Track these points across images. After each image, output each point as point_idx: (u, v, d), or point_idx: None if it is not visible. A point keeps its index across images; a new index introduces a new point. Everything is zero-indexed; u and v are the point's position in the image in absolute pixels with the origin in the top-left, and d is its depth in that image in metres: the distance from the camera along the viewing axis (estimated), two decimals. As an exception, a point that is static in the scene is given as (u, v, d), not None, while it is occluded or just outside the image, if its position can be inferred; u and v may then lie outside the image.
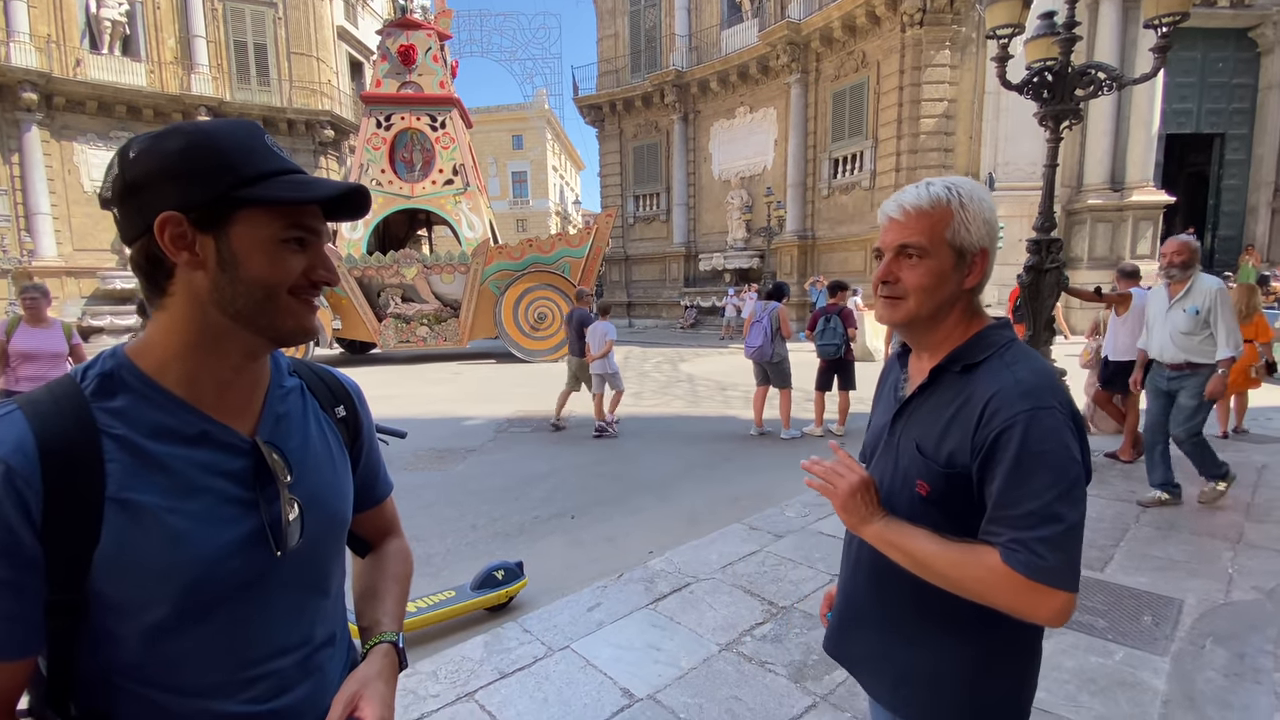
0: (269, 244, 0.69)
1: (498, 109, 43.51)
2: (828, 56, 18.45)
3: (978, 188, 1.01)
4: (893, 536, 0.97)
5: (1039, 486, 0.86)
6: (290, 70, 22.04)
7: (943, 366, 1.01)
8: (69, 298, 19.05)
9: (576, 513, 4.64)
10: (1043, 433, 0.87)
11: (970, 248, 0.99)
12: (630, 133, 24.72)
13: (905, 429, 1.05)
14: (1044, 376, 0.93)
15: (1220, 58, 15.90)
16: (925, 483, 0.98)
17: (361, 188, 0.75)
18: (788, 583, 3.15)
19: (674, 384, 10.97)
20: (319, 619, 0.82)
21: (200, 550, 0.67)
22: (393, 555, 1.00)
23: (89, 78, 18.97)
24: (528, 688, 2.35)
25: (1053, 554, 0.84)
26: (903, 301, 1.02)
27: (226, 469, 0.72)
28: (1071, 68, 4.89)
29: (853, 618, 1.15)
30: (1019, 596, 0.86)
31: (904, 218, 1.00)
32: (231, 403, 0.75)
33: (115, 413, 0.67)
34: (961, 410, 0.96)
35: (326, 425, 0.86)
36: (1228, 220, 16.68)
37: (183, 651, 0.69)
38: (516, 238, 19.90)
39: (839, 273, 16.41)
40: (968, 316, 1.03)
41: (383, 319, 14.52)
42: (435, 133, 15.29)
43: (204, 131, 0.68)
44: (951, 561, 0.91)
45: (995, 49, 5.12)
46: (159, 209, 0.66)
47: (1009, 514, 0.88)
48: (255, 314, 0.70)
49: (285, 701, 0.75)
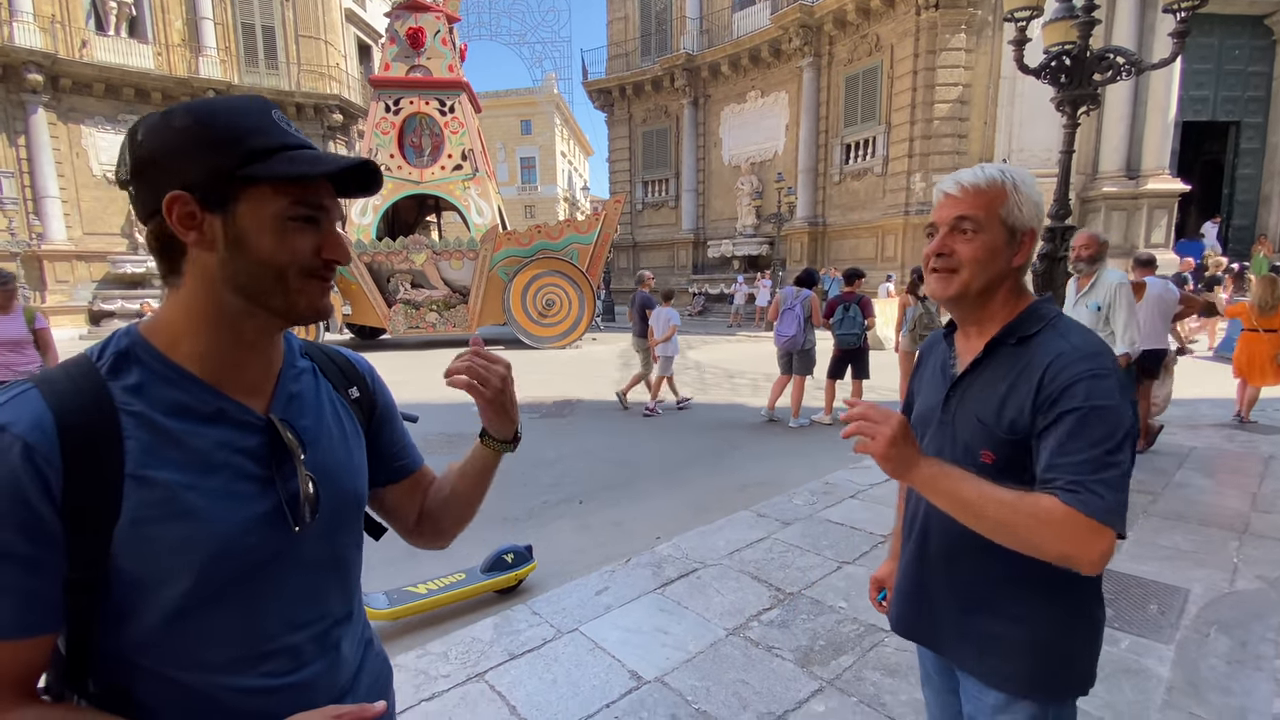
0: (277, 222, 0.68)
1: (506, 93, 43.19)
2: (841, 39, 18.20)
3: (1028, 175, 1.07)
4: (941, 479, 0.97)
5: (1099, 437, 0.92)
6: (298, 53, 21.95)
7: (998, 339, 1.07)
8: (79, 281, 19.20)
9: (584, 498, 4.67)
10: (1103, 391, 0.94)
11: (1021, 227, 1.05)
12: (640, 117, 24.53)
13: (961, 404, 1.09)
14: (1098, 344, 1.00)
15: (1237, 45, 15.59)
16: (990, 451, 1.03)
17: (371, 162, 0.74)
18: (795, 569, 3.17)
19: (682, 371, 10.96)
20: (336, 595, 0.82)
21: (218, 527, 0.68)
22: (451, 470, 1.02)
23: (95, 59, 18.94)
24: (537, 669, 2.39)
25: (1110, 494, 0.89)
26: (956, 275, 1.07)
27: (242, 446, 0.72)
28: (1090, 52, 4.81)
29: (923, 594, 1.18)
30: (1073, 536, 0.89)
31: (961, 194, 1.06)
32: (246, 381, 0.75)
33: (132, 390, 0.68)
34: (1020, 378, 1.01)
35: (340, 406, 0.87)
36: (1241, 209, 16.43)
37: (201, 628, 0.70)
38: (525, 224, 19.88)
39: (850, 260, 16.30)
40: (1015, 294, 1.10)
41: (392, 305, 14.56)
42: (444, 117, 15.21)
43: (209, 109, 0.68)
44: (1003, 502, 0.93)
45: (1013, 32, 5.04)
46: (167, 188, 0.66)
47: (1069, 460, 0.92)
48: (266, 293, 0.70)
49: (301, 676, 0.76)
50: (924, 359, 1.28)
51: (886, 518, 3.80)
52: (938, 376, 1.18)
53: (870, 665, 2.37)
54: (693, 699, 2.20)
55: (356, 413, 0.90)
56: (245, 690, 0.73)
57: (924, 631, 1.20)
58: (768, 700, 2.19)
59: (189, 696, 0.71)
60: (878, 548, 3.40)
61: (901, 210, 16.43)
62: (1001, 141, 15.46)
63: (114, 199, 19.78)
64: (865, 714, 2.11)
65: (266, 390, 0.78)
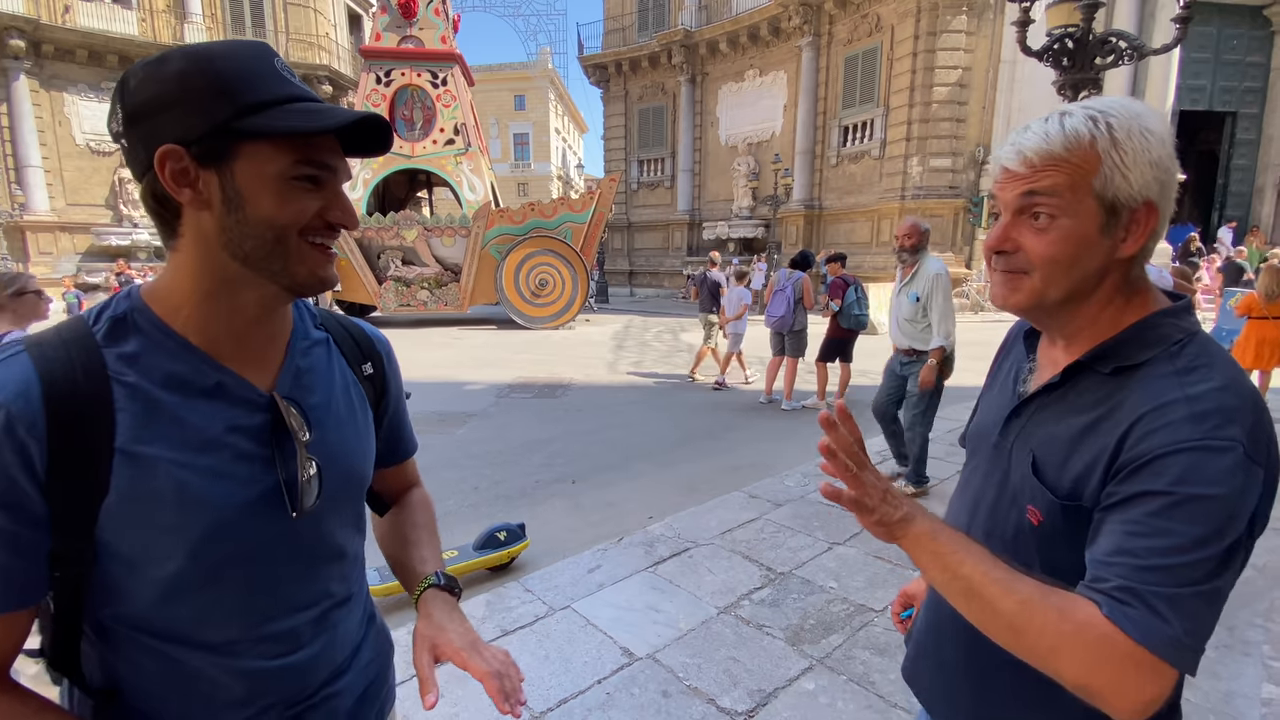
0: (277, 181, 0.63)
1: (500, 67, 42.45)
2: (841, 19, 17.97)
3: (1139, 112, 0.71)
4: (938, 546, 0.71)
5: (1188, 541, 0.62)
6: (286, 21, 21.47)
7: (1084, 363, 0.76)
8: (62, 253, 18.87)
9: (577, 478, 4.68)
10: (1211, 473, 0.62)
11: (1129, 200, 0.71)
12: (636, 94, 24.22)
13: (1023, 433, 0.81)
14: (1232, 395, 0.66)
15: (1235, 35, 15.53)
16: (1039, 511, 0.76)
17: (379, 116, 0.68)
18: (786, 550, 3.19)
19: (675, 354, 10.97)
20: (335, 578, 0.80)
21: (212, 507, 0.65)
22: (417, 505, 0.99)
23: (78, 25, 18.47)
24: (529, 645, 2.40)
25: (1179, 619, 0.60)
26: (1025, 278, 0.76)
27: (242, 424, 0.69)
28: (1093, 35, 4.76)
29: (933, 649, 0.94)
30: (1104, 665, 0.61)
31: (1026, 169, 0.73)
32: (249, 354, 0.71)
33: (127, 359, 0.64)
34: (1101, 424, 0.71)
35: (352, 382, 0.83)
36: (1235, 200, 16.50)
37: (195, 608, 0.68)
38: (518, 202, 19.66)
39: (844, 245, 16.27)
40: (1124, 295, 0.76)
41: (383, 282, 14.43)
42: (436, 90, 14.97)
43: (204, 54, 0.62)
44: (1019, 597, 0.66)
45: (1016, 13, 4.98)
46: (159, 142, 0.60)
47: (1130, 561, 0.63)
48: (266, 258, 0.65)
49: (298, 658, 0.75)
50: (1006, 351, 0.97)
51: (877, 500, 3.82)
52: (1008, 386, 0.89)
53: (860, 644, 2.40)
54: (684, 675, 2.22)
55: (368, 390, 0.86)
56: (241, 671, 0.71)
57: (925, 689, 0.98)
58: (758, 678, 2.21)
59: (186, 676, 0.70)
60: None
61: (898, 194, 16.37)
62: (999, 127, 15.39)
63: (97, 169, 19.40)
64: (854, 692, 2.14)
65: (273, 363, 0.74)
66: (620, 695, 2.13)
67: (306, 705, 0.76)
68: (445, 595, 0.84)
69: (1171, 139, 0.72)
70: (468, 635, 0.77)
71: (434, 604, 0.82)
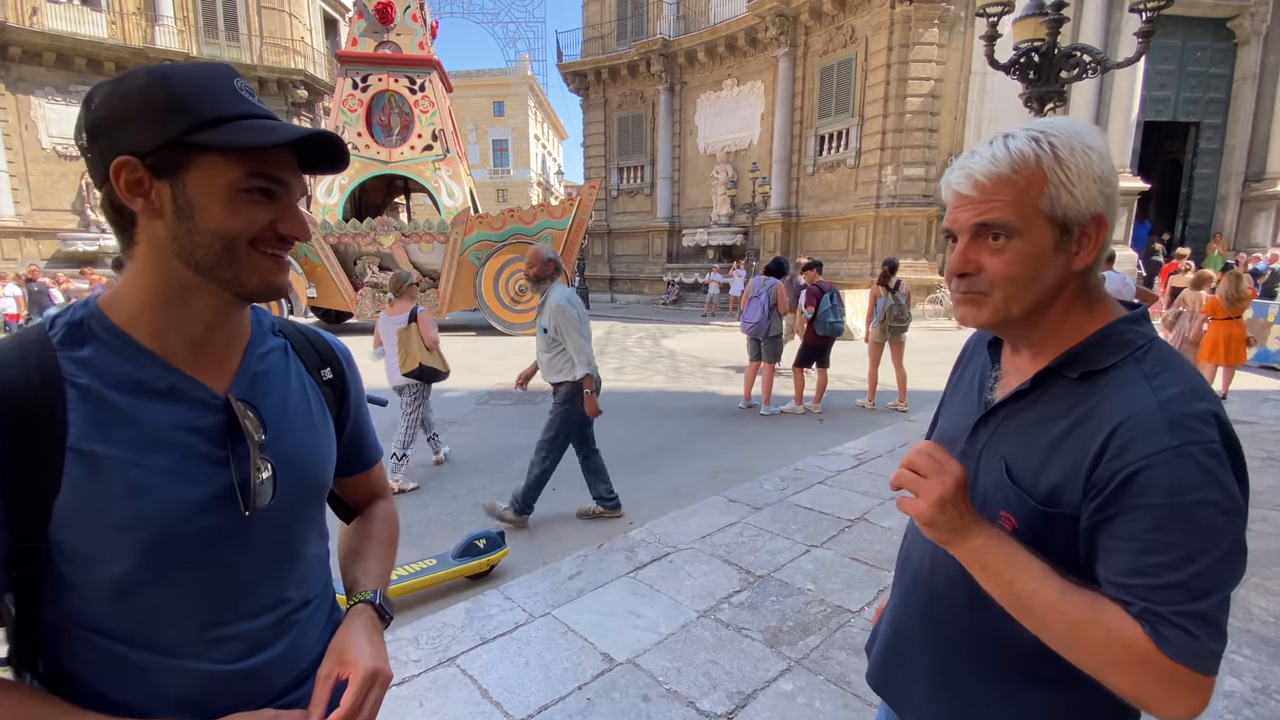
0: (228, 193, 0.67)
1: (479, 73, 42.37)
2: (816, 30, 18.25)
3: (1079, 131, 0.74)
4: (996, 563, 0.72)
5: (1192, 550, 0.65)
6: (261, 25, 21.18)
7: (1053, 369, 0.78)
8: (28, 259, 18.31)
9: (557, 484, 4.66)
10: (1197, 479, 0.65)
11: (1078, 216, 0.74)
12: (615, 102, 24.31)
13: (992, 441, 0.82)
14: (1197, 396, 0.69)
15: (1199, 47, 16.07)
16: (1013, 517, 0.77)
17: (331, 134, 0.72)
18: (765, 553, 3.22)
19: (655, 359, 11.00)
20: (293, 581, 0.81)
21: (162, 506, 0.67)
22: (378, 518, 1.00)
23: (46, 27, 18.03)
24: (509, 653, 2.39)
25: (1206, 630, 0.65)
26: (986, 299, 0.78)
27: (196, 425, 0.71)
28: (1058, 49, 4.91)
29: (902, 654, 0.96)
30: (1153, 681, 0.65)
31: (974, 189, 0.76)
32: (205, 358, 0.73)
33: (81, 362, 0.67)
34: (1076, 431, 0.73)
35: (310, 387, 0.85)
36: (1199, 208, 17.03)
37: (149, 608, 0.69)
38: (497, 208, 19.57)
39: (821, 252, 16.48)
40: (1083, 304, 0.79)
41: (359, 288, 14.27)
42: (414, 96, 14.88)
43: (163, 72, 0.66)
44: (1071, 620, 0.68)
45: (984, 27, 5.12)
46: (116, 153, 0.64)
47: (1146, 581, 0.66)
48: (217, 266, 0.68)
49: (256, 661, 0.76)
50: (966, 360, 0.98)
51: (853, 502, 3.88)
52: (973, 393, 0.90)
53: (837, 645, 2.43)
54: (664, 679, 2.23)
55: (328, 395, 0.88)
56: (197, 674, 0.72)
57: (895, 695, 0.99)
58: (737, 680, 2.23)
59: (141, 677, 0.70)
60: (844, 531, 3.48)
61: (873, 203, 16.63)
62: (970, 138, 15.72)
63: (64, 174, 18.92)
64: (832, 692, 2.17)
65: (230, 367, 0.76)
66: (601, 701, 2.13)
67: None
68: (372, 614, 0.84)
69: (1109, 153, 0.75)
70: (376, 659, 0.76)
71: (358, 619, 0.82)
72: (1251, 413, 6.20)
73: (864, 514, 3.72)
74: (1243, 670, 2.26)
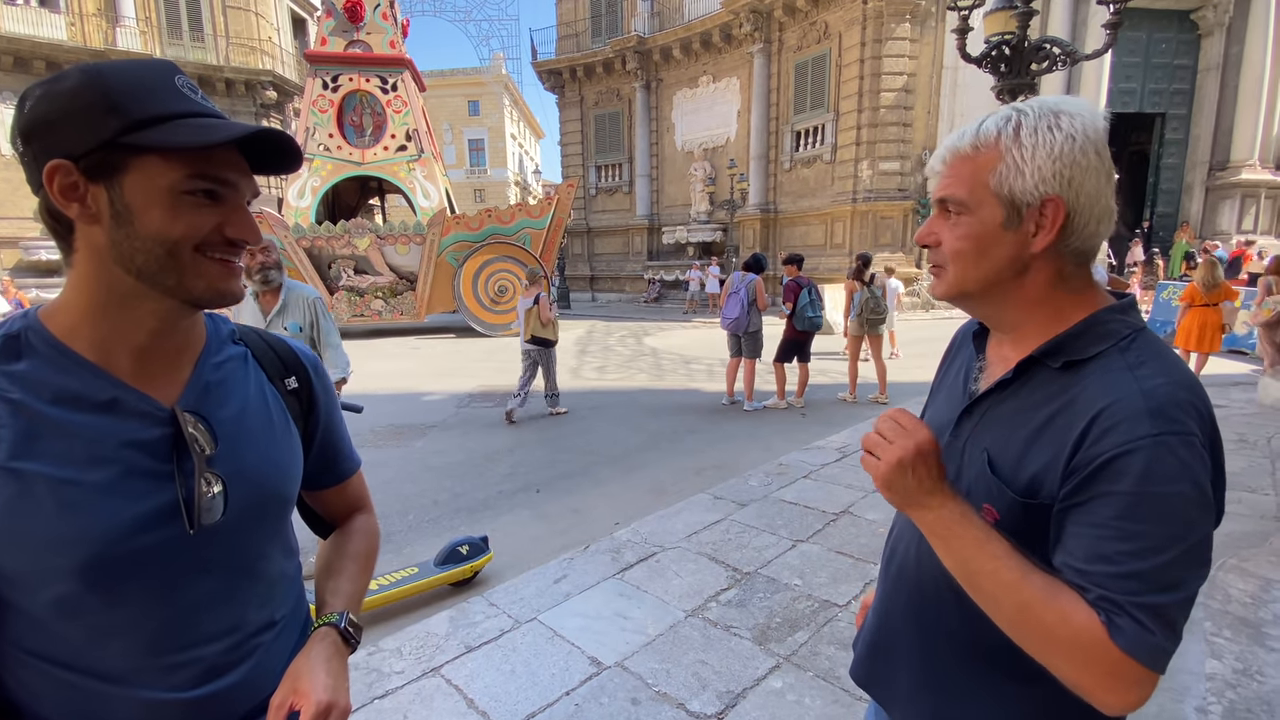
0: (168, 195, 0.63)
1: (452, 73, 41.89)
2: (790, 26, 18.33)
3: (1056, 108, 0.73)
4: (956, 537, 0.72)
5: (1159, 540, 0.64)
6: (226, 25, 20.73)
7: (1036, 359, 0.76)
8: (-11, 268, 17.79)
9: (541, 487, 4.62)
10: (1173, 469, 0.64)
11: (1024, 195, 0.73)
12: (591, 100, 24.22)
13: (976, 432, 0.82)
14: (1181, 387, 0.68)
15: (1164, 39, 16.43)
16: (994, 509, 0.76)
17: (279, 131, 0.68)
18: (751, 549, 3.21)
19: (638, 358, 10.98)
20: (252, 603, 0.77)
21: (98, 524, 0.63)
22: (355, 533, 0.95)
23: (3, 30, 17.48)
24: (495, 660, 2.35)
25: (1161, 627, 0.63)
26: (944, 271, 0.81)
27: (139, 439, 0.67)
28: (1028, 42, 4.97)
29: (886, 646, 0.95)
30: (1096, 669, 0.65)
31: (943, 166, 0.79)
32: (151, 369, 0.69)
33: (15, 376, 0.63)
34: (1057, 419, 0.72)
35: (272, 396, 0.81)
36: (1165, 198, 17.43)
37: (94, 631, 0.65)
38: (474, 208, 19.42)
39: (800, 247, 16.56)
40: (1063, 292, 0.77)
41: (335, 292, 14.04)
42: (386, 95, 14.67)
43: (97, 70, 0.62)
44: (1024, 599, 0.67)
45: (955, 21, 5.16)
46: (50, 157, 0.61)
47: (1107, 569, 0.65)
48: (159, 272, 0.65)
49: (214, 687, 0.72)
50: (953, 352, 0.98)
51: (837, 496, 3.89)
52: (958, 385, 0.90)
53: (825, 640, 2.43)
54: (653, 681, 2.20)
55: (293, 405, 0.83)
56: (151, 703, 0.68)
57: (879, 688, 0.99)
58: (726, 679, 2.21)
59: (89, 705, 0.66)
60: (830, 525, 3.48)
61: (850, 198, 16.76)
62: (944, 131, 15.91)
63: (25, 180, 18.36)
64: (821, 688, 2.16)
65: (179, 379, 0.72)
66: (589, 706, 2.10)
67: None
68: (336, 638, 0.79)
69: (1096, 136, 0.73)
70: (331, 690, 0.72)
71: (319, 644, 0.77)
72: (1222, 396, 6.35)
73: (848, 507, 3.72)
74: (1224, 652, 2.29)
